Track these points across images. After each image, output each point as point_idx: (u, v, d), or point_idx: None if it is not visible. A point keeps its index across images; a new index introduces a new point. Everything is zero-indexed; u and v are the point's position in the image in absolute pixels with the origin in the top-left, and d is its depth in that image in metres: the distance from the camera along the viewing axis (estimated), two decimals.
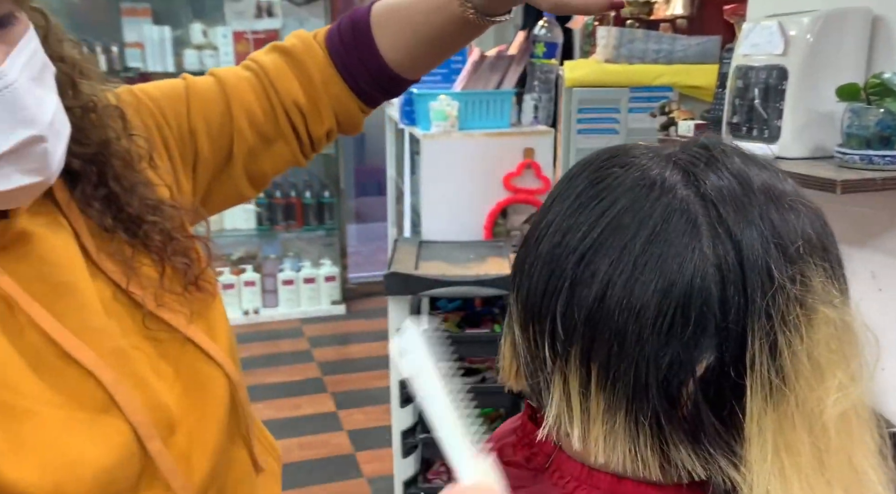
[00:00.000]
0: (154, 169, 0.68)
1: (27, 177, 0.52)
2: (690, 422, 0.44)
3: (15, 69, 0.50)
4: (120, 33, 3.31)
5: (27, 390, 0.54)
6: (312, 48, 0.75)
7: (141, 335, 0.63)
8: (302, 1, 3.70)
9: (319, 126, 0.76)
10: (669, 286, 0.43)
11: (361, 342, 3.43)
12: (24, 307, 0.56)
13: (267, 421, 2.94)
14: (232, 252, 3.70)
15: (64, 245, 0.60)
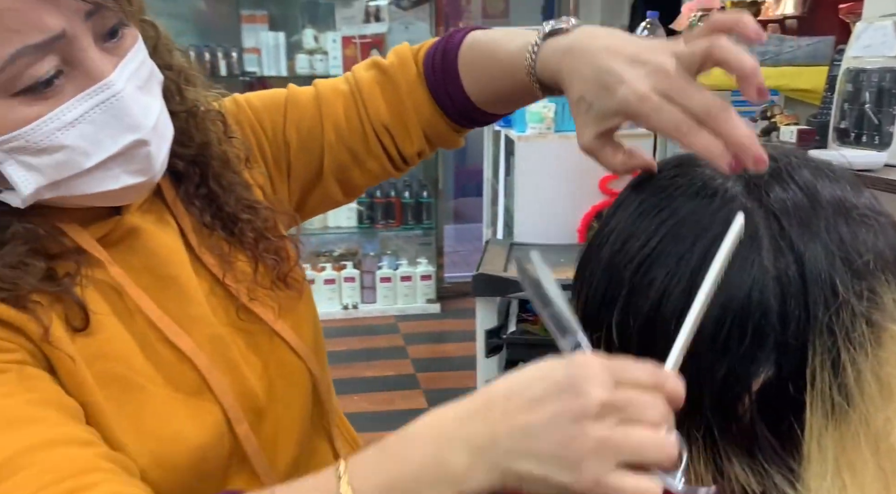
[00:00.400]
0: (250, 171, 0.73)
1: (133, 177, 0.57)
2: (745, 437, 0.44)
3: (122, 79, 0.54)
4: (239, 39, 3.50)
5: (138, 367, 0.60)
6: (408, 69, 0.75)
7: (234, 325, 0.67)
8: (408, 5, 3.78)
9: (409, 147, 0.77)
10: (726, 298, 0.43)
11: (455, 341, 3.47)
12: (132, 296, 0.61)
13: (361, 413, 3.03)
14: (334, 249, 3.84)
15: (169, 240, 0.65)
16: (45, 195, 0.55)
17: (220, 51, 3.45)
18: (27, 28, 0.49)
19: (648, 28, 2.18)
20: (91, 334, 0.58)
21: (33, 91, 0.51)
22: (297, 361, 0.70)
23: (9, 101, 0.51)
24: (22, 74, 0.50)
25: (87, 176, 0.55)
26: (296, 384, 0.70)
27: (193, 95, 0.67)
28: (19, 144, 0.52)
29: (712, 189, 0.46)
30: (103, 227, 0.61)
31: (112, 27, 0.54)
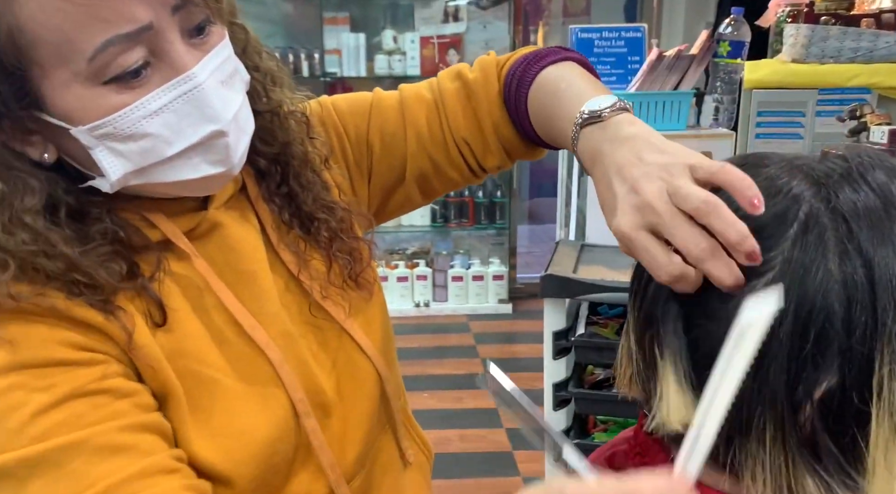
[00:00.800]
0: (329, 172, 0.74)
1: (212, 167, 0.59)
2: (808, 447, 0.42)
3: (205, 73, 0.56)
4: (321, 41, 3.59)
5: (211, 361, 0.62)
6: (490, 87, 0.76)
7: (306, 322, 0.69)
8: (487, 4, 3.78)
9: (489, 160, 0.77)
10: (788, 302, 0.41)
11: (525, 342, 3.45)
12: (215, 289, 0.63)
13: (430, 411, 3.06)
14: (407, 247, 3.88)
15: (250, 237, 0.67)
16: (131, 182, 0.58)
17: (303, 52, 3.55)
18: (117, 18, 0.52)
19: (732, 25, 2.11)
20: (170, 330, 0.60)
21: (122, 80, 0.54)
22: (365, 360, 0.71)
23: (99, 88, 0.53)
24: (111, 62, 0.53)
25: (169, 164, 0.57)
26: (363, 383, 0.71)
27: (278, 95, 0.69)
28: (108, 130, 0.54)
29: (776, 189, 0.44)
30: (190, 221, 0.64)
31: (198, 24, 0.57)
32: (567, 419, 1.80)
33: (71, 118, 0.55)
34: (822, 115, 1.48)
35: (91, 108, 0.54)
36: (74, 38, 0.51)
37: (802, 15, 1.63)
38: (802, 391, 0.41)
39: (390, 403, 0.75)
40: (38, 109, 0.55)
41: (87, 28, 0.51)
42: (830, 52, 1.49)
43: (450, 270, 3.73)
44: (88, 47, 0.52)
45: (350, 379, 0.71)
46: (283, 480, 0.65)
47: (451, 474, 2.45)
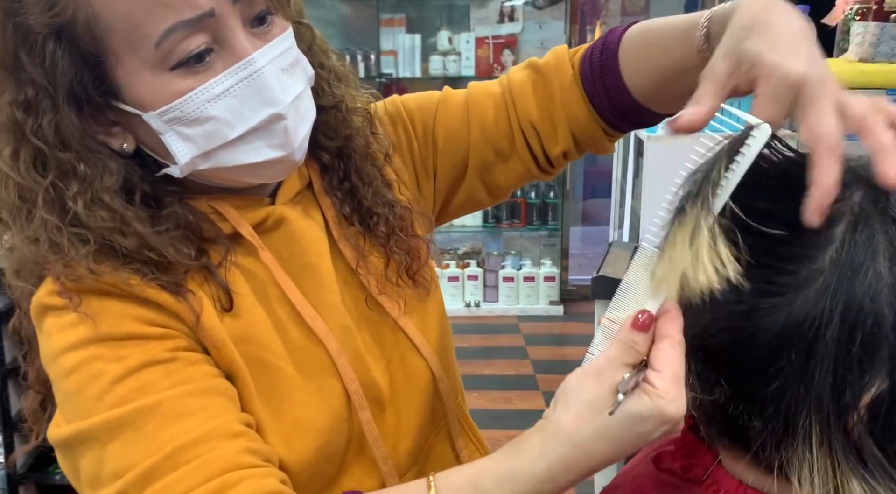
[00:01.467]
0: (393, 168, 0.75)
1: (274, 151, 0.61)
2: (853, 450, 0.41)
3: (264, 59, 0.59)
4: (377, 42, 3.63)
5: (274, 349, 0.64)
6: (563, 67, 0.75)
7: (362, 316, 0.70)
8: (543, 4, 3.77)
9: (554, 146, 0.76)
10: (835, 303, 0.40)
11: (577, 344, 3.42)
12: (278, 281, 0.65)
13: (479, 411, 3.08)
14: (458, 247, 3.89)
15: (313, 231, 0.69)
16: (199, 165, 0.61)
17: (360, 54, 3.59)
18: (180, 4, 0.55)
19: None
20: (236, 315, 0.63)
21: (187, 65, 0.57)
22: (419, 358, 0.72)
23: (167, 74, 0.57)
24: (175, 48, 0.56)
25: (232, 147, 0.60)
26: (416, 380, 0.72)
27: (341, 91, 0.71)
28: (175, 114, 0.58)
29: None
30: (258, 214, 0.66)
31: (259, 13, 0.60)
32: None
33: (143, 104, 0.58)
34: None
35: (160, 93, 0.57)
36: (142, 24, 0.55)
37: (871, 12, 1.57)
38: (850, 396, 0.41)
39: (444, 402, 0.75)
40: (114, 98, 0.59)
41: (153, 14, 0.55)
42: None
43: (501, 270, 3.72)
44: (155, 33, 0.55)
45: (404, 375, 0.71)
46: (335, 471, 0.67)
47: None
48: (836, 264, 0.42)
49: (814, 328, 0.41)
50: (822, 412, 0.42)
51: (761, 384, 0.44)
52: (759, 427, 0.45)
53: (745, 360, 0.44)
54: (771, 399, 0.44)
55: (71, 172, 0.58)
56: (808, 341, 0.42)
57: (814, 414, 0.42)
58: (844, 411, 0.41)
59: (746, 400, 0.45)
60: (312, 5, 3.68)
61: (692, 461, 0.53)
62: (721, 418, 0.48)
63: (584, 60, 0.74)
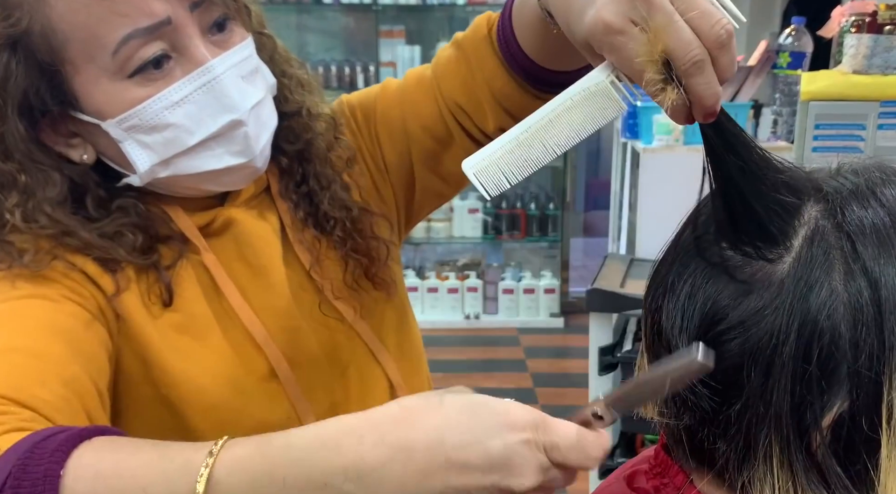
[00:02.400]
0: (351, 173, 0.74)
1: (234, 157, 0.62)
2: (815, 470, 0.40)
3: (223, 66, 0.60)
4: (377, 53, 3.64)
5: (214, 344, 0.64)
6: (479, 37, 0.69)
7: (316, 320, 0.70)
8: None
9: (487, 123, 0.70)
10: (791, 320, 0.40)
11: (577, 357, 3.40)
12: (219, 284, 0.66)
13: None
14: (458, 258, 3.88)
15: (266, 233, 0.69)
16: (159, 173, 0.61)
17: (359, 65, 3.61)
18: (136, 13, 0.55)
19: (793, 35, 2.05)
20: (176, 308, 0.64)
21: (144, 73, 0.57)
22: (375, 364, 0.71)
23: (125, 82, 0.57)
24: (132, 55, 0.56)
25: (192, 154, 0.60)
26: (372, 387, 0.71)
27: (303, 98, 0.71)
28: (134, 122, 0.58)
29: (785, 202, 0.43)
30: (205, 216, 0.66)
31: (217, 19, 0.60)
32: (614, 437, 1.77)
33: (101, 113, 0.59)
34: (884, 128, 1.41)
35: (118, 101, 0.58)
36: (98, 33, 0.56)
37: (866, 25, 1.57)
38: (810, 416, 0.40)
39: None
40: (73, 108, 0.59)
41: (109, 23, 0.55)
42: (894, 64, 1.43)
43: (501, 282, 3.71)
44: (111, 42, 0.56)
45: (360, 384, 0.71)
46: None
47: None
48: (791, 279, 0.41)
49: (771, 346, 0.41)
50: (783, 431, 0.41)
51: (724, 403, 0.43)
52: (722, 448, 0.44)
53: (709, 379, 0.43)
54: (733, 420, 0.43)
55: (11, 184, 0.58)
56: (766, 359, 0.41)
57: (774, 434, 0.41)
58: (805, 431, 0.40)
59: (710, 421, 0.45)
60: (312, 17, 3.70)
61: (664, 480, 0.53)
62: (688, 439, 0.48)
63: (498, 26, 0.68)
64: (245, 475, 0.40)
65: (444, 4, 3.62)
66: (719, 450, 0.44)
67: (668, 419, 0.48)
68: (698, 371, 0.38)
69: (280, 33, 0.73)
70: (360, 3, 3.56)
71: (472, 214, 3.68)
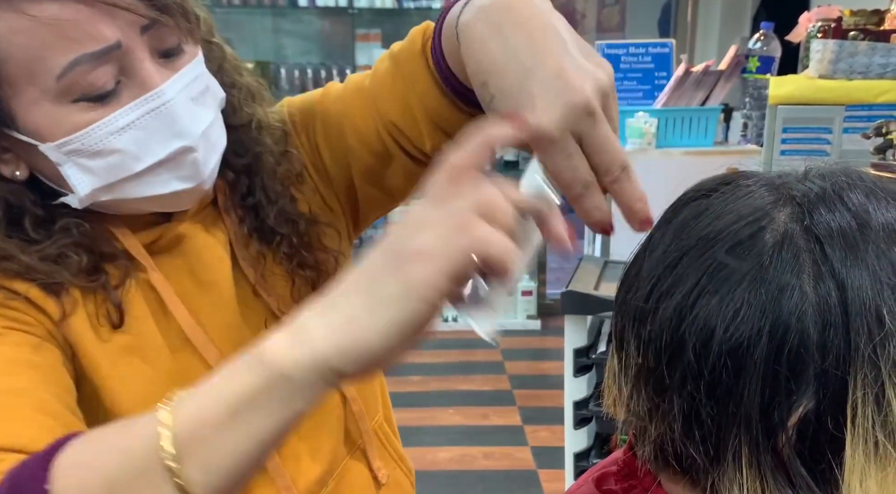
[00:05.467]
0: (300, 185, 0.72)
1: (182, 182, 0.59)
2: (781, 470, 0.41)
3: (173, 90, 0.57)
4: (353, 57, 3.64)
5: (163, 365, 0.62)
6: (414, 52, 0.64)
7: (264, 336, 0.67)
8: None
9: (423, 142, 0.66)
10: (763, 322, 0.41)
11: (554, 359, 3.42)
12: (168, 304, 0.63)
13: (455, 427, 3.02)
14: None
15: (215, 248, 0.66)
16: (100, 197, 0.58)
17: (335, 68, 3.60)
18: (85, 38, 0.52)
19: (762, 40, 2.08)
20: (126, 330, 0.61)
21: (90, 98, 0.54)
22: None
23: (68, 107, 0.54)
24: (80, 81, 0.53)
25: (138, 179, 0.58)
26: (324, 402, 0.69)
27: (252, 110, 0.69)
28: (76, 147, 0.55)
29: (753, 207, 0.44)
30: (152, 233, 0.64)
31: (169, 43, 0.57)
32: (588, 438, 1.78)
33: (40, 135, 0.55)
34: (850, 131, 1.44)
35: (59, 125, 0.55)
36: (43, 57, 0.52)
37: (831, 30, 1.60)
38: (778, 416, 0.41)
39: (358, 423, 0.73)
40: (7, 127, 0.56)
41: (56, 47, 0.52)
42: (859, 68, 1.46)
43: None
44: (56, 66, 0.52)
45: None
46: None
47: (475, 491, 2.44)
48: (761, 283, 0.42)
49: (743, 347, 0.41)
50: (752, 432, 0.42)
51: (694, 404, 0.44)
52: (691, 449, 0.45)
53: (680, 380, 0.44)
54: (703, 420, 0.44)
55: None
56: (737, 360, 0.42)
57: (743, 434, 0.42)
58: (773, 431, 0.41)
59: (680, 422, 0.45)
60: (289, 20, 3.69)
61: (633, 482, 0.53)
62: (657, 440, 0.48)
63: (433, 41, 0.62)
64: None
65: (420, 8, 3.63)
66: (688, 451, 0.45)
67: (636, 420, 0.49)
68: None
69: (256, 36, 0.71)
70: (336, 7, 3.56)
71: None
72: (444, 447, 2.62)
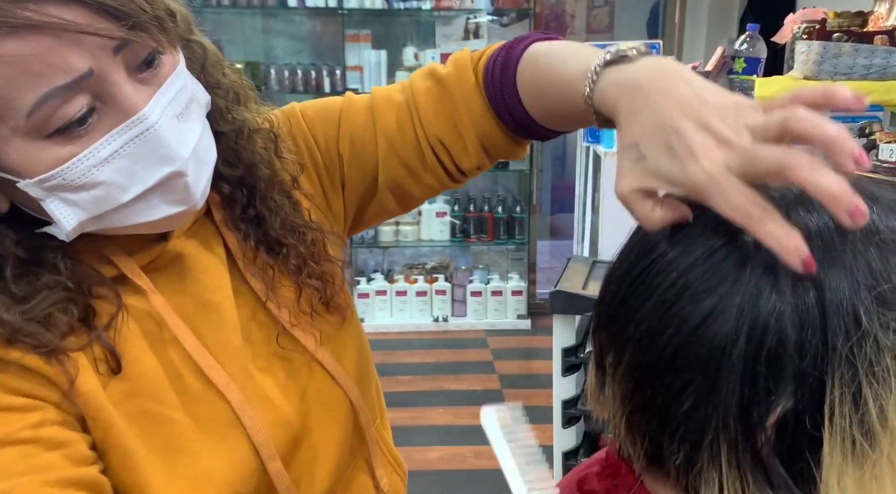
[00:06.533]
0: (300, 190, 0.70)
1: (172, 207, 0.56)
2: (760, 470, 0.42)
3: (156, 111, 0.53)
4: (343, 58, 3.64)
5: (167, 400, 0.59)
6: (465, 80, 0.70)
7: (273, 353, 0.66)
8: (508, 21, 3.81)
9: (467, 161, 0.72)
10: (741, 323, 0.41)
11: (544, 358, 3.43)
12: (171, 326, 0.60)
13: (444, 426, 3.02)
14: (427, 261, 3.89)
15: (214, 265, 0.64)
16: (88, 228, 0.55)
17: (325, 69, 3.60)
18: (52, 71, 0.48)
19: (748, 41, 2.10)
20: (124, 375, 0.58)
21: (67, 131, 0.50)
22: (337, 389, 0.69)
23: (42, 142, 0.50)
24: (52, 115, 0.49)
25: (127, 209, 0.54)
26: (334, 412, 0.69)
27: (242, 114, 0.66)
28: (57, 182, 0.51)
29: None
30: (149, 254, 0.61)
31: (146, 57, 0.53)
32: (577, 437, 1.79)
33: (18, 172, 0.51)
34: None
35: (36, 162, 0.51)
36: (8, 96, 0.48)
37: (816, 32, 1.62)
38: (756, 416, 0.41)
39: (364, 433, 0.72)
40: None
41: (21, 84, 0.48)
42: (843, 69, 1.47)
43: (469, 285, 3.72)
44: (24, 104, 0.48)
45: (321, 409, 0.68)
46: None
47: (465, 490, 2.44)
48: (739, 284, 0.42)
49: (722, 347, 0.42)
50: (730, 431, 0.42)
51: (674, 403, 0.44)
52: (673, 447, 0.45)
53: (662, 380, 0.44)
54: (683, 419, 0.44)
55: None
56: (717, 359, 0.42)
57: (722, 434, 0.42)
58: (752, 431, 0.42)
59: (660, 421, 0.46)
60: (279, 21, 3.68)
61: (615, 481, 0.54)
62: (640, 438, 0.49)
63: (486, 72, 0.69)
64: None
65: (410, 9, 3.63)
66: (668, 450, 0.45)
67: (617, 418, 0.49)
68: None
69: (246, 37, 0.69)
70: (326, 7, 3.55)
71: (441, 217, 3.70)
72: (434, 446, 2.62)
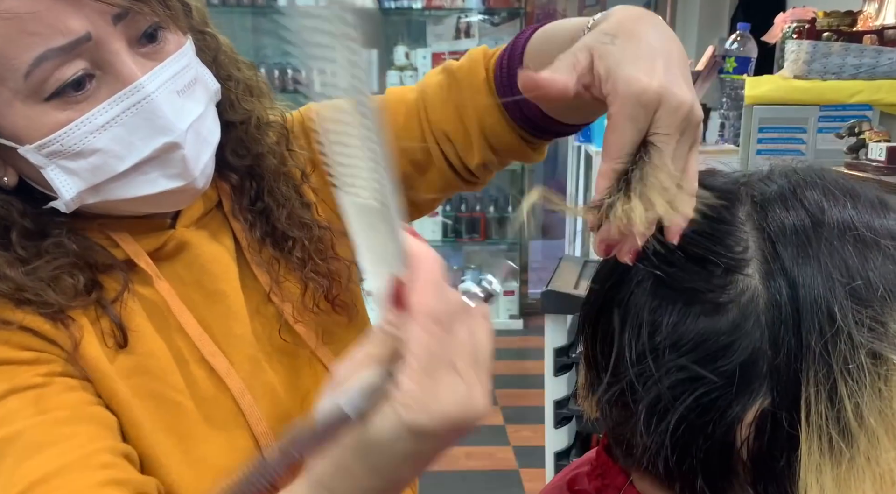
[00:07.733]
0: (309, 185, 0.70)
1: (170, 181, 0.56)
2: (742, 469, 0.42)
3: (155, 82, 0.54)
4: None
5: (173, 382, 0.60)
6: (476, 73, 0.69)
7: (276, 347, 0.66)
8: (499, 20, 3.81)
9: (471, 157, 0.71)
10: (716, 321, 0.41)
11: (536, 358, 3.42)
12: (175, 313, 0.60)
13: None
14: None
15: (221, 255, 0.64)
16: (88, 200, 0.56)
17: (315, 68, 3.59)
18: (49, 31, 0.50)
19: (738, 40, 2.10)
20: (131, 349, 0.58)
21: (64, 95, 0.52)
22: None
23: (42, 106, 0.52)
24: (48, 78, 0.51)
25: (123, 180, 0.55)
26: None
27: (252, 105, 0.66)
28: (55, 148, 0.53)
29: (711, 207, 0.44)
30: (156, 240, 0.61)
31: (147, 30, 0.55)
32: (569, 437, 1.79)
33: (18, 137, 0.53)
34: (824, 131, 1.46)
35: (36, 126, 0.52)
36: (7, 55, 0.50)
37: (806, 31, 1.62)
38: (735, 413, 0.41)
39: None
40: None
41: (19, 43, 0.50)
42: (832, 69, 1.48)
43: (460, 285, 3.71)
44: (22, 64, 0.50)
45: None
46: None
47: (457, 491, 2.44)
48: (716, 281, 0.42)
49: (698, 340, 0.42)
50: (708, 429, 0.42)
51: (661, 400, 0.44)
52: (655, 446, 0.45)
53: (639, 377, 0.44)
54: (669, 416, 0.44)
55: None
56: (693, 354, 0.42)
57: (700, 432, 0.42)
58: (731, 428, 0.41)
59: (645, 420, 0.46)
60: (268, 20, 3.67)
61: (605, 481, 0.54)
62: (626, 438, 0.49)
63: (497, 65, 0.68)
64: None
65: (401, 8, 3.63)
66: (653, 449, 0.45)
67: (606, 418, 0.49)
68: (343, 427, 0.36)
69: (236, 36, 0.69)
70: None
71: (432, 217, 3.69)
72: None
